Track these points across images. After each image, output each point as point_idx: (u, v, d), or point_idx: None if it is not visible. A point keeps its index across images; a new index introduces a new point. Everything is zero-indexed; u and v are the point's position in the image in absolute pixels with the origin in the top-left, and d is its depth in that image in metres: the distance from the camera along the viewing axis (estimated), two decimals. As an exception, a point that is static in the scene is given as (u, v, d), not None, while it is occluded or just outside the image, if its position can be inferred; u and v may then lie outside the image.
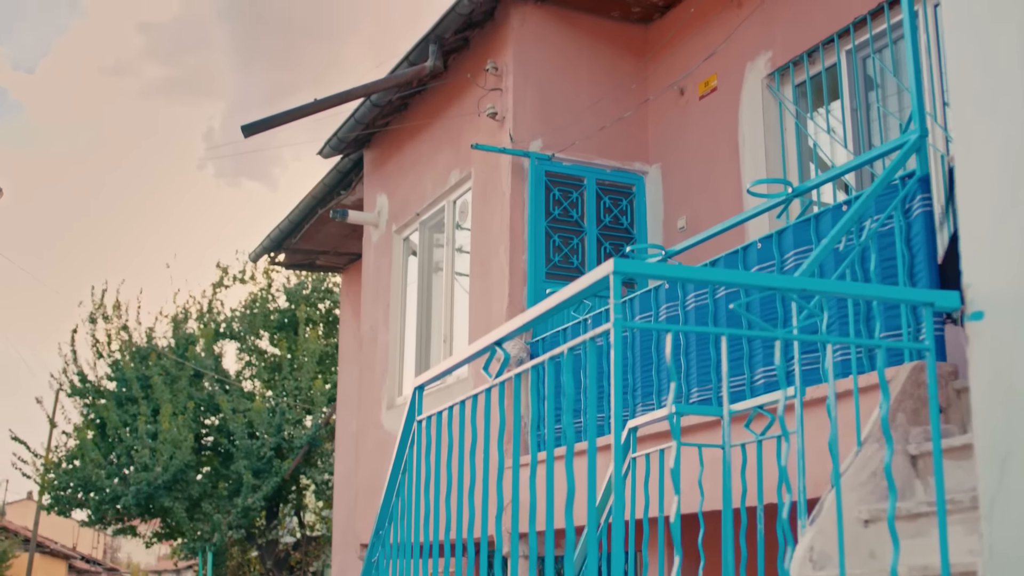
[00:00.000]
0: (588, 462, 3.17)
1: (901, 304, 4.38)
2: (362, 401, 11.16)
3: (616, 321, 2.97)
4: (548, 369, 6.58)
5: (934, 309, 3.09)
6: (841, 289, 3.28)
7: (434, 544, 4.46)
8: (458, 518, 4.20)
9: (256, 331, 23.20)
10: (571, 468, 3.31)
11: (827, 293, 3.34)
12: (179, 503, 20.68)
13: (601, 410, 6.61)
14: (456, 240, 9.72)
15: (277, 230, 13.38)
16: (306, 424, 21.41)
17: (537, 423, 6.90)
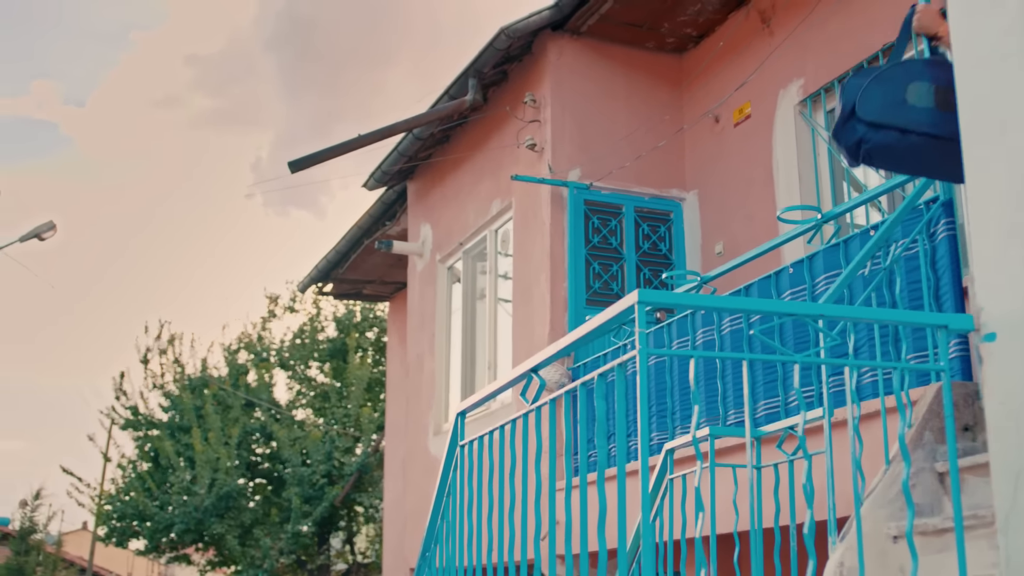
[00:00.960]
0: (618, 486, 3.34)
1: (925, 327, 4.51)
2: (409, 427, 11.37)
3: (641, 349, 3.13)
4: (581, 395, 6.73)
5: (948, 331, 3.24)
6: (856, 314, 3.43)
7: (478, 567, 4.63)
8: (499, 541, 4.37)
9: (306, 360, 23.52)
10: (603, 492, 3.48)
11: (842, 318, 3.49)
12: (231, 530, 20.98)
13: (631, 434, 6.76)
14: (499, 268, 9.92)
15: (324, 260, 13.66)
16: (356, 451, 21.67)
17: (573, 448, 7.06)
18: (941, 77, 3.49)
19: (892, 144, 3.42)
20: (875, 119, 3.43)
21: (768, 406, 5.91)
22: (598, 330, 3.51)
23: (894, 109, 3.43)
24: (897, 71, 3.55)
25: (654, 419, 6.87)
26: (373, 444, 21.21)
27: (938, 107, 3.42)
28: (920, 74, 3.54)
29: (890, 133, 3.43)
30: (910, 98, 3.45)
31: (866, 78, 3.52)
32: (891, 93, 3.47)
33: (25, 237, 21.12)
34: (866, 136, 3.45)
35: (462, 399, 10.07)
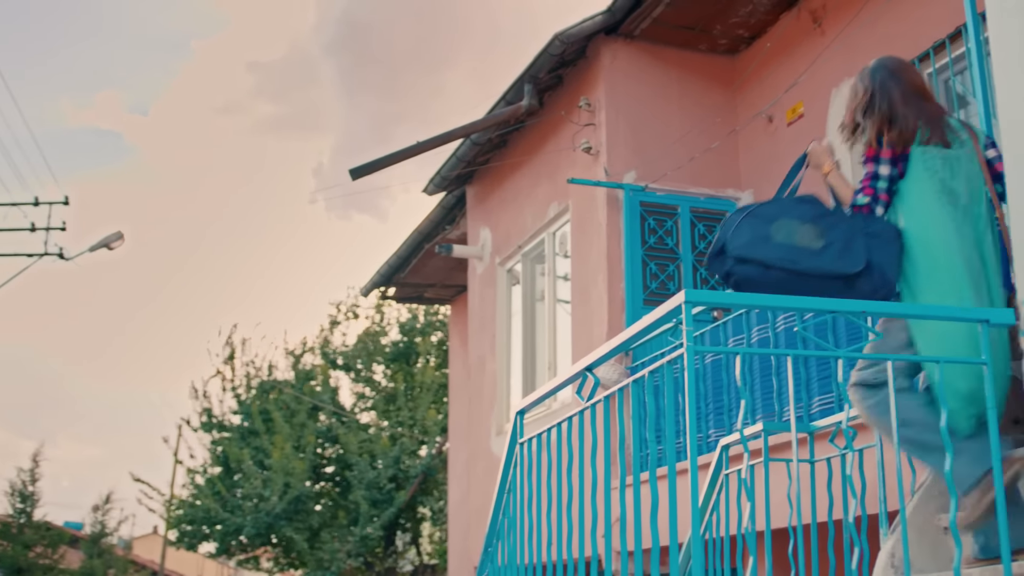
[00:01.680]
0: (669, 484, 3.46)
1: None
2: (472, 429, 11.54)
3: (688, 347, 3.26)
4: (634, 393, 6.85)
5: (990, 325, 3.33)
6: (899, 310, 3.52)
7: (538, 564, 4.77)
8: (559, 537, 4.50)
9: (369, 363, 23.78)
10: (655, 489, 3.60)
11: (881, 313, 3.59)
12: (300, 533, 21.28)
13: (697, 430, 6.87)
14: (557, 269, 10.06)
15: (386, 265, 13.88)
16: (421, 454, 21.89)
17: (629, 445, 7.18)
18: (807, 213, 3.82)
19: (756, 277, 3.69)
20: (741, 254, 3.71)
21: (823, 401, 5.99)
22: (648, 329, 3.63)
23: (759, 245, 3.70)
24: (769, 208, 3.86)
25: (711, 416, 6.98)
26: (437, 446, 21.43)
27: (799, 243, 3.71)
28: (788, 211, 3.84)
29: (754, 267, 3.70)
30: (775, 235, 3.72)
31: (740, 214, 3.79)
32: (759, 229, 3.73)
33: (94, 247, 21.61)
34: (732, 269, 3.74)
35: (523, 399, 10.22)
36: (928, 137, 3.88)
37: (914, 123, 3.90)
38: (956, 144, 3.91)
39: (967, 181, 3.84)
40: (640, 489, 3.87)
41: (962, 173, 3.85)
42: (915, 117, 3.93)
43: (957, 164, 3.87)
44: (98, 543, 34.71)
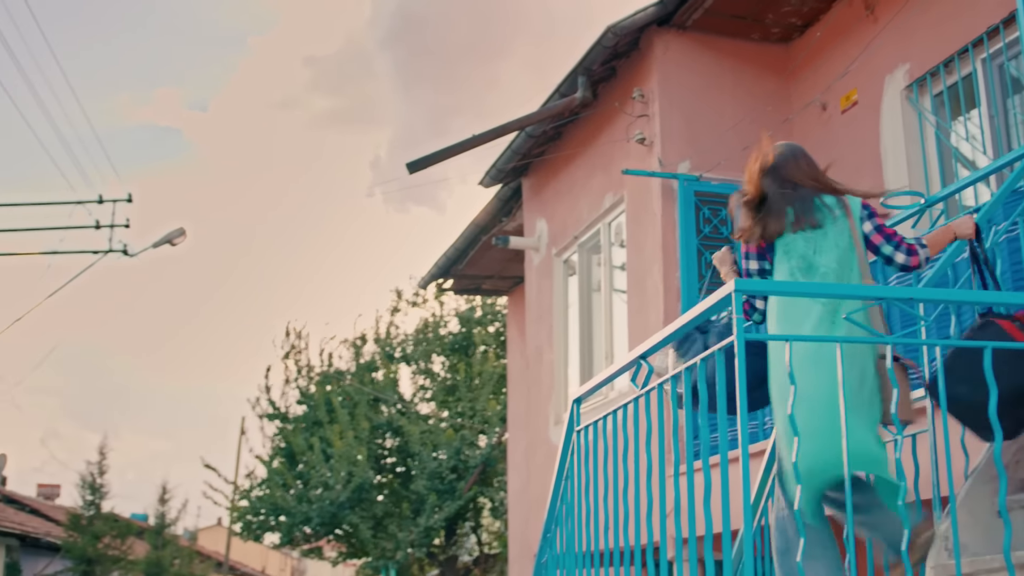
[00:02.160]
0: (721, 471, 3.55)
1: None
2: (530, 418, 11.65)
3: (738, 335, 3.35)
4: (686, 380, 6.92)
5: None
6: (939, 296, 3.58)
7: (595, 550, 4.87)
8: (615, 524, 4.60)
9: (430, 355, 23.97)
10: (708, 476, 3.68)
11: (926, 300, 3.65)
12: (364, 522, 21.52)
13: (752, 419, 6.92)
14: (613, 260, 10.14)
15: (444, 257, 14.02)
16: (480, 444, 22.04)
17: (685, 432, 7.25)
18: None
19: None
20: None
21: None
22: (699, 318, 3.72)
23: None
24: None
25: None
26: (497, 436, 21.58)
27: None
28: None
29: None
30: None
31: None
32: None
33: (158, 243, 21.97)
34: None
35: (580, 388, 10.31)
36: (794, 223, 4.30)
37: (777, 223, 4.31)
38: (828, 222, 4.31)
39: (834, 252, 4.23)
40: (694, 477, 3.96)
41: (828, 247, 4.24)
42: (780, 212, 4.36)
43: (823, 240, 4.27)
44: (162, 534, 35.28)
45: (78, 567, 30.51)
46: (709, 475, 3.94)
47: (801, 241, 4.28)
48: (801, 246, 4.28)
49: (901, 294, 3.34)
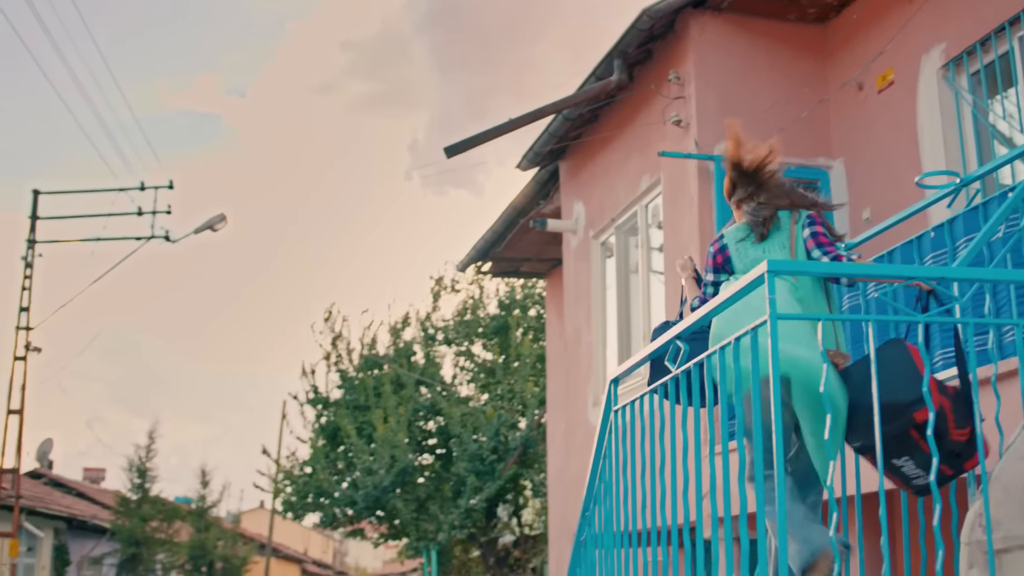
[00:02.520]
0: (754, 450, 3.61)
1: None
2: (569, 400, 11.73)
3: (771, 315, 3.40)
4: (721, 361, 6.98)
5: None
6: (967, 275, 3.62)
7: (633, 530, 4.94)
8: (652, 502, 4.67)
9: (470, 337, 24.08)
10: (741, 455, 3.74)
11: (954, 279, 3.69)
12: (406, 504, 21.71)
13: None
14: (651, 241, 10.18)
15: (482, 240, 14.11)
16: (520, 426, 22.16)
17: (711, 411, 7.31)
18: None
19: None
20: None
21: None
22: (733, 298, 3.77)
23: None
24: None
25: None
26: (536, 418, 21.68)
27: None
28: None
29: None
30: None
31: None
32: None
33: (199, 229, 22.22)
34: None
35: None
36: (745, 236, 4.84)
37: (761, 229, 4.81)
38: (774, 230, 4.79)
39: (779, 254, 4.70)
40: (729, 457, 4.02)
41: (775, 250, 4.73)
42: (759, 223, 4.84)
43: (770, 245, 4.76)
44: (205, 516, 35.73)
45: (126, 549, 30.97)
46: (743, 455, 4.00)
47: (750, 247, 4.85)
48: (749, 249, 4.84)
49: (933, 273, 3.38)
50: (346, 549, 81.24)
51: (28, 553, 25.50)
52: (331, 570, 70.03)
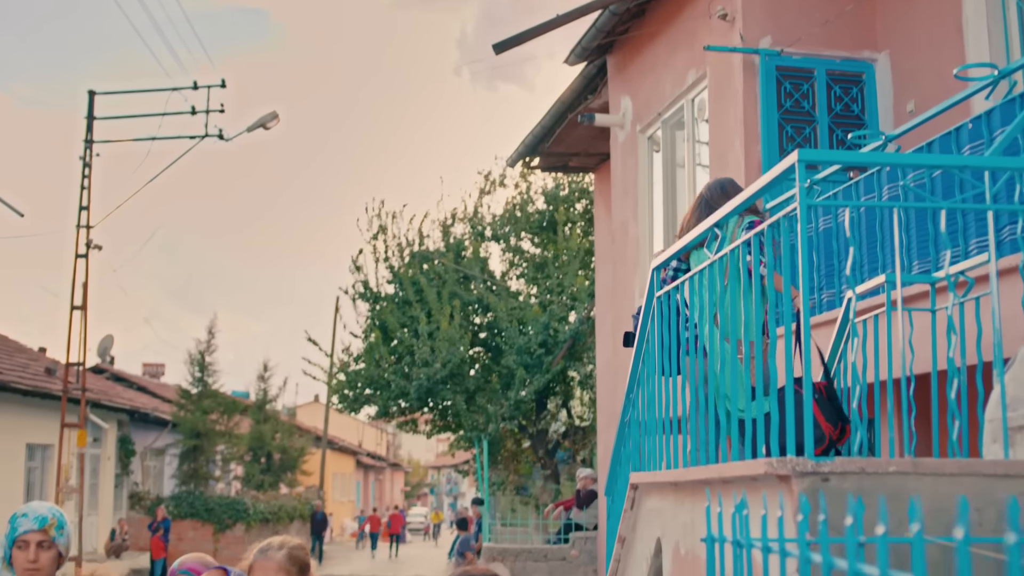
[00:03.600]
0: (785, 340, 3.84)
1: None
2: (617, 292, 11.97)
3: (801, 202, 3.60)
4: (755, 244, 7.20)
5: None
6: (998, 164, 3.78)
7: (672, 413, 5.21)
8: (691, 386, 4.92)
9: (518, 233, 24.30)
10: (773, 343, 3.97)
11: (980, 168, 3.85)
12: (457, 396, 22.19)
13: (831, 285, 7.17)
14: (696, 135, 10.31)
15: (531, 136, 14.26)
16: (570, 319, 22.46)
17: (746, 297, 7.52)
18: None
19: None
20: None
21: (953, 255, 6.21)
22: (767, 187, 3.97)
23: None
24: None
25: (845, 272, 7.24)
26: (586, 312, 21.97)
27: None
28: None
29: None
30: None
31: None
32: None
33: (252, 127, 22.47)
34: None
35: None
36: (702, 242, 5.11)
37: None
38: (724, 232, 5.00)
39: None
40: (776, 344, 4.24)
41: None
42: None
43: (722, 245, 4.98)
44: (263, 410, 36.64)
45: (187, 441, 31.90)
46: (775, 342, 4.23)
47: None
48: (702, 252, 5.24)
49: (967, 162, 3.55)
50: (399, 442, 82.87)
51: (94, 444, 26.37)
52: (384, 462, 71.56)
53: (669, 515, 4.86)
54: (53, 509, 4.17)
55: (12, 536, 4.05)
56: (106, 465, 28.00)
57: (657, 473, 5.09)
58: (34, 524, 4.04)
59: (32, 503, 4.28)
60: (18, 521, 4.06)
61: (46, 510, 4.12)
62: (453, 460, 53.21)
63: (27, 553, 4.01)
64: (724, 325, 4.75)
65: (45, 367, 25.62)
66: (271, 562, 3.69)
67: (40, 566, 4.02)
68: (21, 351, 27.09)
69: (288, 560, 3.70)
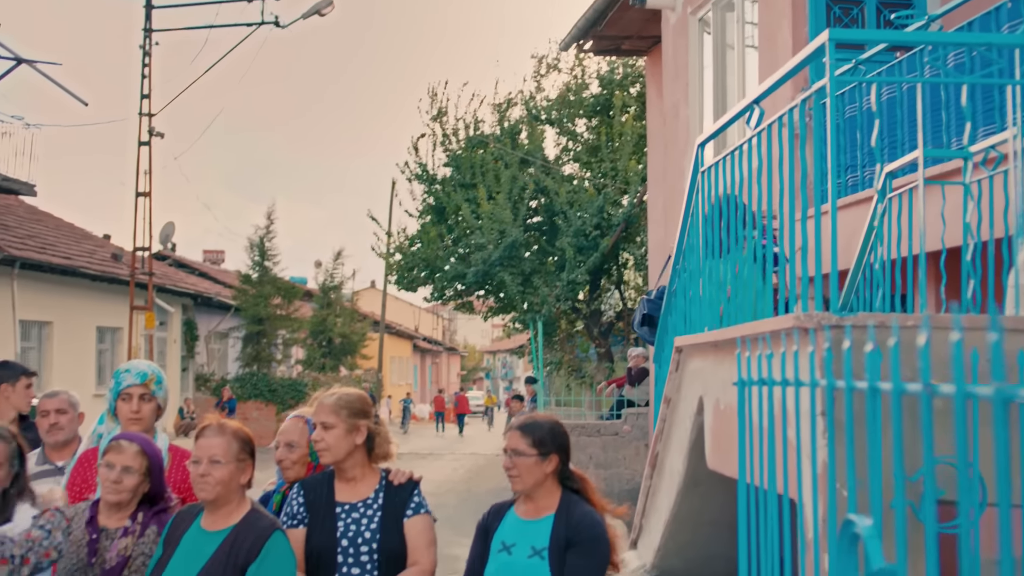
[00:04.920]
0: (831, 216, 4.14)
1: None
2: (668, 174, 12.23)
3: (831, 79, 3.88)
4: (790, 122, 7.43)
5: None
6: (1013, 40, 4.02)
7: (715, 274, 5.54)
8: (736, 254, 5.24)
9: (572, 116, 24.48)
10: (817, 220, 4.28)
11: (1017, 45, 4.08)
12: (513, 278, 22.65)
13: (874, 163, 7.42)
14: (746, 16, 10.45)
15: (583, 19, 14.40)
16: (623, 202, 22.73)
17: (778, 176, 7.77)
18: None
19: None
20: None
21: (987, 130, 6.44)
22: (800, 65, 4.24)
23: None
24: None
25: (885, 150, 7.48)
26: (639, 195, 22.23)
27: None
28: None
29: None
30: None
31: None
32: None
33: (307, 14, 22.69)
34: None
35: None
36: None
37: None
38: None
39: None
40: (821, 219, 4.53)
41: None
42: None
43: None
44: (326, 295, 37.41)
45: (250, 326, 32.72)
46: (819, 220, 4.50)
47: None
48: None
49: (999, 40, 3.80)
50: (455, 327, 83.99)
51: (160, 328, 27.19)
52: (441, 346, 72.70)
53: (710, 374, 5.24)
54: (152, 366, 4.64)
55: (117, 389, 4.52)
56: (172, 348, 28.87)
57: (699, 335, 5.46)
58: (136, 379, 4.51)
59: (134, 360, 4.77)
60: (122, 376, 4.54)
61: (146, 366, 4.60)
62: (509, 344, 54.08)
63: (130, 404, 4.49)
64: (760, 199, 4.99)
65: (111, 253, 26.35)
66: (324, 406, 4.13)
67: (142, 416, 4.50)
68: (87, 238, 27.81)
69: (337, 404, 4.12)
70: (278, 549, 3.74)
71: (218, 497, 3.80)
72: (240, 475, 3.85)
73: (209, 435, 3.87)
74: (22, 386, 6.29)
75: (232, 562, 3.69)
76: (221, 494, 3.80)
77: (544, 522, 3.94)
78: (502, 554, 3.94)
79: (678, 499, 6.01)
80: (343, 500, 4.05)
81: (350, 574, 3.93)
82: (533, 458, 3.90)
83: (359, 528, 3.98)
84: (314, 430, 4.13)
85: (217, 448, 3.81)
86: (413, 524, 4.02)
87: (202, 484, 3.80)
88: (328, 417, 4.06)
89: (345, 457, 4.04)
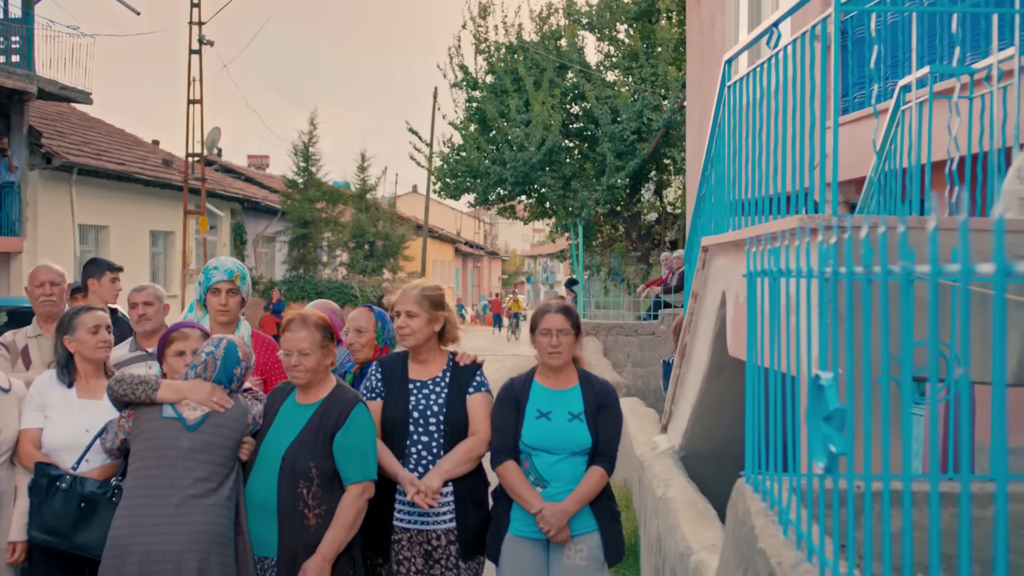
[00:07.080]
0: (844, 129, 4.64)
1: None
2: (704, 82, 12.64)
3: (836, 3, 4.36)
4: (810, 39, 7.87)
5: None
6: None
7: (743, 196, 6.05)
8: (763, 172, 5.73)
9: (613, 23, 24.69)
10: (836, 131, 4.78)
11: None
12: (553, 182, 23.13)
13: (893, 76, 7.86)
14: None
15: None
16: (663, 109, 23.05)
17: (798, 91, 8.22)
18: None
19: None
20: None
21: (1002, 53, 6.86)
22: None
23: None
24: None
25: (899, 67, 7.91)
26: (679, 101, 22.54)
27: None
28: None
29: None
30: None
31: None
32: None
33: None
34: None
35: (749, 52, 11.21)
36: None
37: None
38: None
39: None
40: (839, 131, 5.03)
41: None
42: None
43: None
44: (364, 199, 37.95)
45: (296, 229, 33.42)
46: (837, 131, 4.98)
47: None
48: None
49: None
50: (496, 232, 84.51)
51: (210, 231, 27.93)
52: (483, 250, 73.36)
53: (732, 271, 5.80)
54: (238, 263, 5.28)
55: (207, 284, 5.17)
56: (222, 251, 29.64)
57: (722, 235, 6.01)
58: (224, 275, 5.15)
59: (221, 257, 5.41)
60: (211, 272, 5.18)
61: (232, 264, 5.23)
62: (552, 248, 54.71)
63: (219, 298, 5.14)
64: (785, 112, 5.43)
65: (162, 159, 27.04)
66: (409, 296, 4.75)
67: (229, 308, 5.15)
68: (138, 144, 28.49)
69: (421, 296, 4.75)
70: (361, 418, 4.40)
71: (310, 381, 4.45)
72: (325, 359, 4.49)
73: (295, 329, 4.48)
74: (107, 280, 6.92)
75: (323, 429, 4.36)
76: (312, 379, 4.45)
77: (573, 391, 4.72)
78: (541, 420, 4.62)
79: (703, 386, 6.61)
80: (415, 378, 4.72)
81: (420, 441, 4.61)
82: (571, 336, 4.64)
83: (428, 402, 4.66)
84: (395, 318, 4.76)
85: (304, 341, 4.43)
86: (475, 399, 4.71)
87: (295, 373, 4.44)
88: (413, 307, 4.71)
89: (424, 342, 4.69)
